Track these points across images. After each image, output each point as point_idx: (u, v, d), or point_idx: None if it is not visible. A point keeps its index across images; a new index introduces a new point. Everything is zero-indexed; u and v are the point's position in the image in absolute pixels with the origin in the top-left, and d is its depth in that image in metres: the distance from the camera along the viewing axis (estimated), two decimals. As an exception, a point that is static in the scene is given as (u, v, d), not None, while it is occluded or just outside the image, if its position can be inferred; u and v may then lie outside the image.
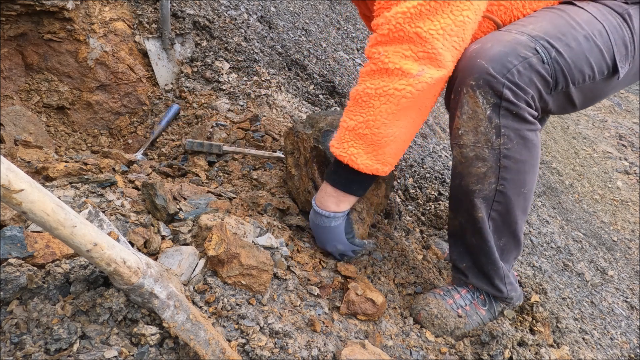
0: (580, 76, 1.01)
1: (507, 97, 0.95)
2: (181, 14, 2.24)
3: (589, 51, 1.00)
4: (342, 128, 1.07)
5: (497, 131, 0.99)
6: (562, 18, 1.04)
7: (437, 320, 1.17)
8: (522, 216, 1.12)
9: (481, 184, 1.05)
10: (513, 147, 1.00)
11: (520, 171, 1.04)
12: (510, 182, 1.04)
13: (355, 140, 1.04)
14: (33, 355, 0.71)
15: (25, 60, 1.85)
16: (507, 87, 0.95)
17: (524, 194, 1.08)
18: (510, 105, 0.96)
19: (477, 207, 1.08)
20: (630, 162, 4.14)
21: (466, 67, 0.99)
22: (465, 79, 0.98)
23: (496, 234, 1.12)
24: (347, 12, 3.68)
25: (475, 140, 1.02)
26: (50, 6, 1.73)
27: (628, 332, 1.94)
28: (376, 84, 0.99)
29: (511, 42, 0.97)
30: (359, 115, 1.02)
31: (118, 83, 2.04)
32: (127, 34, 2.05)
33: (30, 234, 0.87)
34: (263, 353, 0.85)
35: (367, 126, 1.01)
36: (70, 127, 1.98)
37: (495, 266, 1.16)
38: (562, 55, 0.97)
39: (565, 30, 1.00)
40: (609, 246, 2.75)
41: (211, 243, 0.97)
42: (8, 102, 1.76)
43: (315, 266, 1.19)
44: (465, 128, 1.02)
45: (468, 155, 1.04)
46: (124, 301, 0.80)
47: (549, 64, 0.97)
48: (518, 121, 0.99)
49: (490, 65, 0.95)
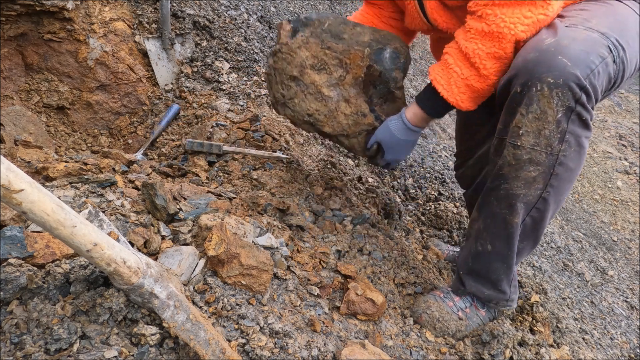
0: (628, 75, 0.99)
1: (583, 101, 0.88)
2: (181, 14, 2.24)
3: (638, 49, 0.98)
4: (451, 71, 1.09)
5: (562, 136, 0.92)
6: (614, 14, 0.99)
7: (438, 323, 1.17)
8: (550, 221, 1.12)
9: (527, 188, 0.99)
10: (570, 154, 0.94)
11: (568, 179, 0.99)
12: (556, 189, 0.99)
13: (465, 88, 1.08)
14: (33, 355, 0.71)
15: (25, 60, 1.85)
16: (585, 90, 0.88)
17: (561, 202, 1.06)
18: (583, 110, 0.90)
19: (516, 212, 1.03)
20: (630, 162, 4.14)
21: (543, 61, 0.89)
22: (542, 75, 0.88)
23: (522, 238, 1.09)
24: (347, 12, 3.68)
25: (534, 142, 0.94)
26: (50, 6, 1.73)
27: (628, 332, 1.94)
28: (488, 47, 1.00)
29: (588, 41, 0.89)
30: (468, 69, 1.06)
31: (118, 83, 2.03)
32: (127, 34, 2.05)
33: (30, 234, 0.87)
34: (263, 353, 0.85)
35: (479, 81, 1.05)
36: (70, 127, 1.98)
37: (509, 270, 1.15)
38: (625, 54, 0.92)
39: (622, 28, 0.94)
40: (609, 246, 2.75)
41: (211, 243, 0.97)
42: (8, 102, 1.76)
43: (315, 266, 1.19)
44: (527, 128, 0.93)
45: (522, 158, 0.96)
46: (124, 301, 0.80)
47: (616, 64, 0.91)
48: (583, 127, 0.93)
49: (575, 66, 0.86)
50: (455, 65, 1.08)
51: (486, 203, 1.09)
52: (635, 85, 5.32)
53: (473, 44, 1.03)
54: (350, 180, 1.80)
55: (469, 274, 1.20)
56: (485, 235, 1.12)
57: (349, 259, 1.30)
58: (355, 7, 3.90)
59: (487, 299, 1.20)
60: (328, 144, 2.14)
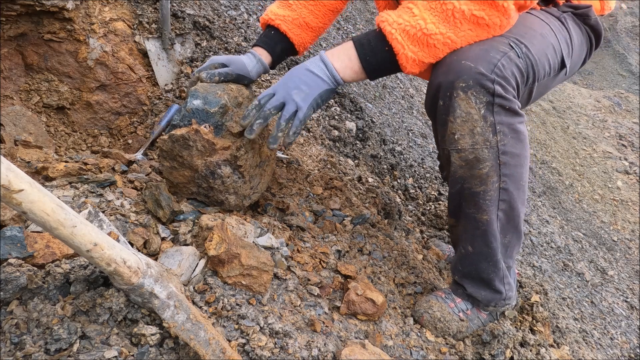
0: (543, 72, 1.07)
1: (499, 93, 0.96)
2: (181, 14, 2.24)
3: (546, 48, 1.07)
4: (416, 24, 0.96)
5: (493, 129, 0.99)
6: (519, 22, 1.08)
7: (440, 324, 1.17)
8: (522, 209, 1.13)
9: (485, 184, 1.04)
10: (509, 142, 1.01)
11: (517, 165, 1.04)
12: (511, 177, 1.04)
13: (424, 46, 0.98)
14: (33, 355, 0.71)
15: (25, 60, 1.85)
16: (497, 83, 0.95)
17: (522, 187, 1.09)
18: (503, 101, 0.97)
19: (483, 210, 1.07)
20: (630, 162, 4.14)
21: (450, 71, 0.97)
22: (453, 83, 0.96)
23: (502, 232, 1.12)
24: (346, 12, 3.68)
25: (472, 142, 1.00)
26: (50, 6, 1.73)
27: (628, 332, 1.94)
28: (475, 9, 0.94)
29: (487, 42, 0.99)
30: (442, 25, 0.96)
31: (118, 83, 2.03)
32: (127, 34, 2.05)
33: (30, 234, 0.87)
34: (263, 353, 0.85)
35: (445, 42, 0.97)
36: (70, 127, 1.98)
37: (496, 267, 1.15)
38: (530, 51, 1.02)
39: (523, 31, 1.05)
40: (609, 246, 2.75)
41: (212, 243, 0.97)
42: (8, 102, 1.76)
43: (315, 266, 1.19)
44: (461, 132, 1.00)
45: (468, 159, 1.02)
46: (124, 301, 0.80)
47: (522, 58, 1.00)
48: (511, 115, 0.99)
49: (477, 64, 0.95)
50: (421, 18, 0.96)
51: (457, 207, 1.13)
52: (635, 85, 5.32)
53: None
54: (350, 180, 1.80)
55: (464, 277, 1.21)
56: (464, 238, 1.15)
57: (349, 259, 1.30)
58: (356, 7, 3.90)
59: (485, 301, 1.20)
60: (328, 144, 2.15)
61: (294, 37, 1.34)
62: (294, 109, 1.04)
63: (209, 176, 1.13)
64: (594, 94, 6.11)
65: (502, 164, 1.02)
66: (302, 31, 1.35)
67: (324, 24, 1.39)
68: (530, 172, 3.38)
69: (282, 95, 1.04)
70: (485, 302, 1.20)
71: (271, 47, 1.33)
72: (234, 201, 1.19)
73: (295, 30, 1.34)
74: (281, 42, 1.34)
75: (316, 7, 1.35)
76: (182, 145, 1.11)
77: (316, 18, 1.35)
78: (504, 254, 1.15)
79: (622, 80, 7.69)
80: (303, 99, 1.03)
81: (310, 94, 1.03)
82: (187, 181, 1.16)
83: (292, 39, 1.34)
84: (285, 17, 1.33)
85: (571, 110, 5.33)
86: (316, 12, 1.35)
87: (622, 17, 8.71)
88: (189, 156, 1.12)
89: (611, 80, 7.71)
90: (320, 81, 1.04)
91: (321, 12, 1.36)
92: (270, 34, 1.34)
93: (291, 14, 1.33)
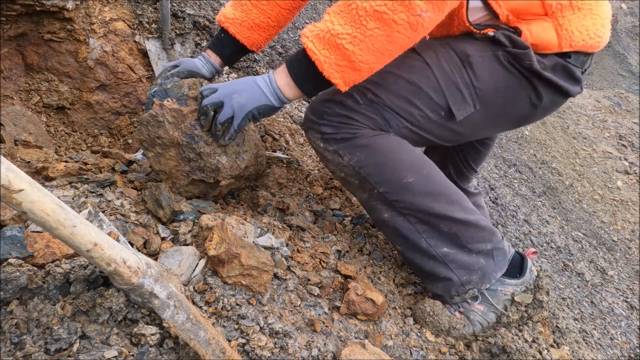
0: (409, 115, 1.12)
1: (326, 131, 1.13)
2: (181, 14, 2.24)
3: (412, 94, 1.10)
4: (325, 27, 0.97)
5: (338, 154, 1.13)
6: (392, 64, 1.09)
7: (429, 317, 1.17)
8: (433, 200, 1.13)
9: (364, 191, 1.17)
10: (361, 157, 1.12)
11: (383, 172, 1.12)
12: (385, 182, 1.13)
13: (333, 48, 0.96)
14: (33, 355, 0.71)
15: (25, 60, 1.85)
16: (323, 125, 1.13)
17: (411, 182, 1.12)
18: (331, 135, 1.12)
19: (379, 210, 1.17)
20: (630, 162, 4.14)
21: (304, 116, 1.19)
22: (303, 126, 1.20)
23: (420, 224, 1.15)
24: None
25: (334, 167, 1.17)
26: (50, 6, 1.73)
27: (628, 332, 1.94)
28: (376, 4, 0.91)
29: (328, 91, 1.14)
30: (348, 26, 0.94)
31: (118, 83, 2.03)
32: (127, 34, 2.05)
33: (30, 234, 0.87)
34: (263, 353, 0.85)
35: (353, 43, 0.94)
36: (70, 127, 1.98)
37: (429, 256, 1.16)
38: (379, 98, 1.10)
39: (381, 78, 1.10)
40: (609, 246, 2.75)
41: (212, 243, 0.97)
42: (8, 102, 1.76)
43: (315, 266, 1.19)
44: (324, 162, 1.21)
45: (340, 177, 1.20)
46: (124, 301, 0.80)
47: (365, 104, 1.10)
48: (344, 141, 1.12)
49: (312, 113, 1.15)
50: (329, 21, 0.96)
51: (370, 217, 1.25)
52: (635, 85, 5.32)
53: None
54: (350, 180, 1.80)
55: (421, 279, 1.25)
56: (390, 241, 1.24)
57: (349, 259, 1.31)
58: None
59: (445, 293, 1.19)
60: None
61: (242, 39, 1.35)
62: (230, 115, 1.09)
63: (191, 142, 1.13)
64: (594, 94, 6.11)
65: (367, 175, 1.13)
66: (252, 32, 1.34)
67: (279, 22, 1.38)
68: (531, 172, 3.38)
69: (223, 95, 1.08)
70: (445, 293, 1.19)
71: (220, 49, 1.37)
72: (228, 162, 1.18)
73: (244, 32, 1.34)
74: (230, 45, 1.37)
75: (268, 7, 1.33)
76: (153, 125, 1.13)
77: (268, 18, 1.34)
78: (445, 243, 1.15)
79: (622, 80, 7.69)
80: (240, 107, 1.08)
81: (248, 105, 1.07)
82: (177, 162, 1.16)
83: (242, 41, 1.35)
84: (234, 19, 1.33)
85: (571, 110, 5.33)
86: (268, 11, 1.33)
87: (622, 17, 8.71)
88: (165, 132, 1.13)
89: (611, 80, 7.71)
90: (262, 96, 1.07)
91: (274, 11, 1.34)
92: (221, 36, 1.37)
93: (240, 16, 1.33)
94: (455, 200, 1.17)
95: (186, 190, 1.20)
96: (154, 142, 1.15)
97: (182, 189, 1.19)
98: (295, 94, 1.08)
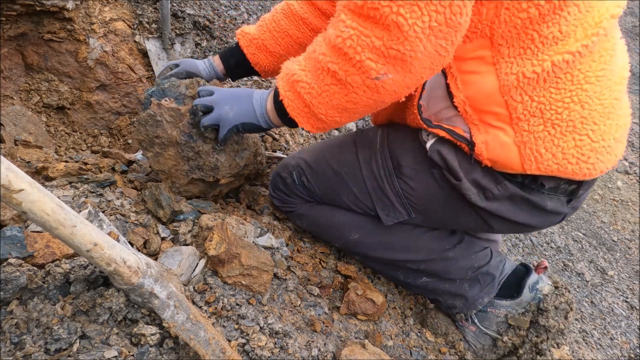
0: (341, 202, 1.18)
1: (276, 204, 1.30)
2: (181, 14, 2.24)
3: (337, 185, 1.16)
4: (291, 68, 0.91)
5: (293, 220, 1.30)
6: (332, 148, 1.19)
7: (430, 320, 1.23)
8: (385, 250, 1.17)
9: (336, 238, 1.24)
10: (307, 224, 1.26)
11: (330, 233, 1.22)
12: (336, 240, 1.22)
13: (295, 94, 0.90)
14: (33, 355, 0.71)
15: (25, 60, 1.85)
16: (274, 198, 1.28)
17: (357, 239, 1.18)
18: (281, 207, 1.29)
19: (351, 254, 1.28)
20: (630, 162, 4.14)
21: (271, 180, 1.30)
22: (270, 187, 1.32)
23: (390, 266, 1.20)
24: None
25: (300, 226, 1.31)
26: (50, 6, 1.73)
27: (628, 332, 1.94)
28: (330, 61, 0.81)
29: (281, 164, 1.25)
30: (310, 73, 0.86)
31: (118, 83, 2.03)
32: (127, 34, 2.05)
33: (30, 234, 0.87)
34: (263, 353, 0.85)
35: (311, 94, 0.87)
36: (70, 127, 1.98)
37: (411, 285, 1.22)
38: (310, 183, 1.19)
39: (319, 162, 1.18)
40: (609, 246, 2.75)
41: (212, 243, 0.97)
42: (8, 102, 1.76)
43: (315, 266, 1.19)
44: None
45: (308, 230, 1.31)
46: (124, 301, 0.80)
47: (301, 185, 1.20)
48: (289, 213, 1.28)
49: (271, 181, 1.28)
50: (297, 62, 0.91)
51: None
52: (635, 85, 5.32)
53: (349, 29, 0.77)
54: (350, 180, 1.80)
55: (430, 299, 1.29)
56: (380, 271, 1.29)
57: (349, 259, 1.30)
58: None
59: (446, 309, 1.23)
60: (328, 144, 2.14)
61: (248, 54, 1.35)
62: (215, 122, 1.06)
63: (189, 141, 1.13)
64: (594, 94, 6.09)
65: (321, 235, 1.27)
66: (259, 52, 1.34)
67: (287, 52, 1.36)
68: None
69: (216, 101, 1.06)
70: (446, 309, 1.23)
71: (226, 57, 1.38)
72: (227, 161, 1.18)
73: (251, 49, 1.34)
74: (236, 56, 1.37)
75: (280, 36, 1.33)
76: (151, 124, 1.13)
77: (278, 45, 1.33)
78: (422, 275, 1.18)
79: (622, 80, 7.67)
80: (226, 119, 1.05)
81: (234, 120, 1.04)
82: (176, 161, 1.16)
83: (247, 56, 1.35)
84: (248, 35, 1.34)
85: (571, 110, 5.31)
86: (279, 39, 1.33)
87: (622, 17, 8.71)
88: (163, 131, 1.13)
89: (611, 80, 7.69)
90: (252, 115, 1.03)
91: (285, 41, 1.33)
92: (232, 46, 1.39)
93: (255, 34, 1.34)
94: (407, 246, 1.14)
95: (186, 189, 1.20)
96: (153, 141, 1.15)
97: (181, 188, 1.19)
98: (280, 123, 1.02)
